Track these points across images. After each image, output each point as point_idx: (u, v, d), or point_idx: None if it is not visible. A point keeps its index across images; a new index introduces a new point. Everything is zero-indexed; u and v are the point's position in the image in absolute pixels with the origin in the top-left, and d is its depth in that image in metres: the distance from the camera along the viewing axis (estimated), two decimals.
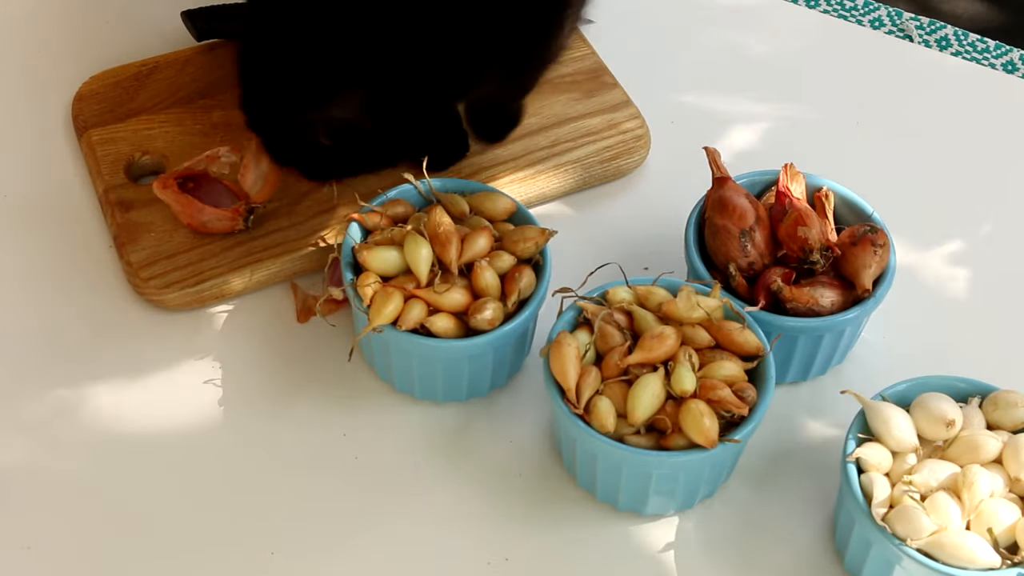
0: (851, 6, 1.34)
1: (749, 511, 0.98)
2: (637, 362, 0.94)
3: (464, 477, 0.99)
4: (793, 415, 1.03)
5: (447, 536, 0.96)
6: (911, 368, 1.01)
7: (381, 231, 1.01)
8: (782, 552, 0.96)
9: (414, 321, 0.97)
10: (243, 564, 0.95)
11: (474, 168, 1.14)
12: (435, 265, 0.99)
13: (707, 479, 0.96)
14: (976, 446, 0.92)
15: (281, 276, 1.09)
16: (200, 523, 0.96)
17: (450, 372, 1.00)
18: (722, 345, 0.96)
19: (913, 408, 0.94)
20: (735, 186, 1.04)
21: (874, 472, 0.91)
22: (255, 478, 0.99)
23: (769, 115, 1.24)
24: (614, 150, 1.16)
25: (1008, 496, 0.91)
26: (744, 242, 1.01)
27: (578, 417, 0.93)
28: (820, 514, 0.98)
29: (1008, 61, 1.30)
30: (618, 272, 0.99)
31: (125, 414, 1.02)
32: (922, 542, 0.88)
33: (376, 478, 0.99)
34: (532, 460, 1.00)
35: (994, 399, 0.95)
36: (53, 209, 1.13)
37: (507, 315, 0.99)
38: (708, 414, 0.91)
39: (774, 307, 1.00)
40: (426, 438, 1.01)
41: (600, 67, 1.22)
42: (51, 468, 0.99)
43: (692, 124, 1.22)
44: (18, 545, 0.95)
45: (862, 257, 1.00)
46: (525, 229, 1.02)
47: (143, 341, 1.05)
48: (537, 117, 1.18)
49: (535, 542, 0.96)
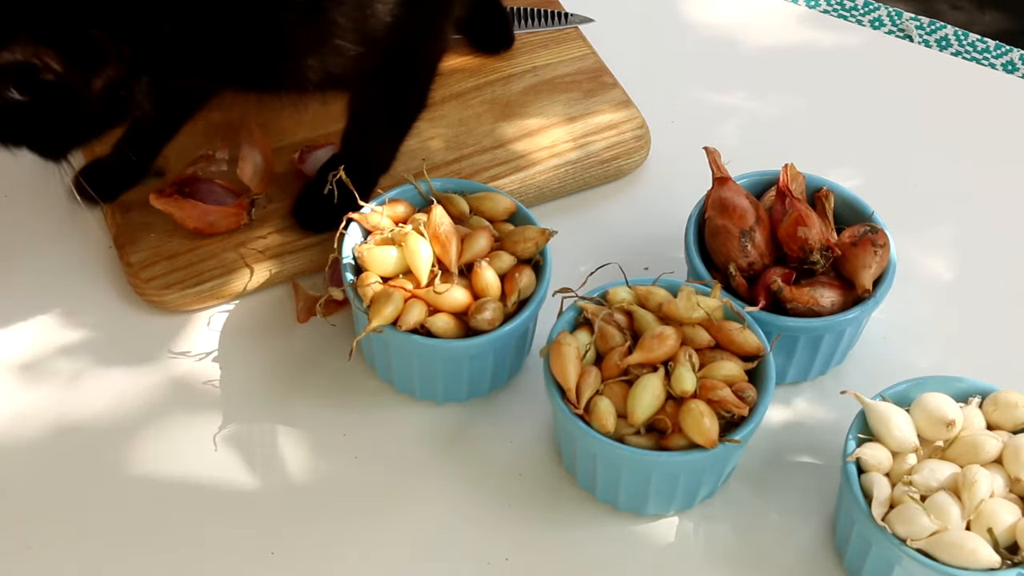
0: (851, 6, 1.34)
1: (749, 511, 0.98)
2: (637, 362, 0.94)
3: (464, 477, 0.99)
4: (793, 415, 1.03)
5: (447, 536, 0.96)
6: (911, 368, 1.01)
7: (381, 231, 1.01)
8: (782, 552, 0.96)
9: (414, 321, 0.97)
10: (243, 564, 0.95)
11: (474, 168, 1.14)
12: (435, 265, 0.99)
13: (707, 479, 0.96)
14: (976, 446, 0.92)
15: (281, 276, 1.09)
16: (200, 523, 0.96)
17: (450, 372, 1.00)
18: (722, 345, 0.96)
19: (913, 408, 0.94)
20: (735, 186, 1.04)
21: (874, 472, 0.91)
22: (255, 478, 0.99)
23: (769, 115, 1.24)
24: (614, 150, 1.16)
25: (1008, 496, 0.91)
26: (744, 242, 1.01)
27: (578, 417, 0.93)
28: (820, 514, 0.98)
29: (1008, 61, 1.30)
30: (618, 272, 0.99)
31: (125, 414, 1.02)
32: (922, 542, 0.88)
33: (376, 478, 0.99)
34: (532, 460, 1.00)
35: (994, 399, 0.95)
36: (54, 210, 1.13)
37: (507, 315, 0.99)
38: (708, 414, 0.91)
39: (774, 307, 1.00)
40: (426, 438, 1.01)
41: (600, 67, 1.22)
42: (51, 468, 0.99)
43: (692, 124, 1.22)
44: (18, 545, 0.95)
45: (862, 257, 1.00)
46: (525, 229, 1.02)
47: (143, 341, 1.05)
48: (537, 117, 1.18)
49: (535, 542, 0.96)
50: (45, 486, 0.98)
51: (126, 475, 0.98)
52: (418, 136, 1.14)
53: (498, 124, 1.17)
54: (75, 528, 0.96)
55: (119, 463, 0.99)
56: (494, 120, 1.18)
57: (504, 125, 1.17)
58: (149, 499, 0.97)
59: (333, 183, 1.02)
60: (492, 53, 1.23)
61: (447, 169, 1.13)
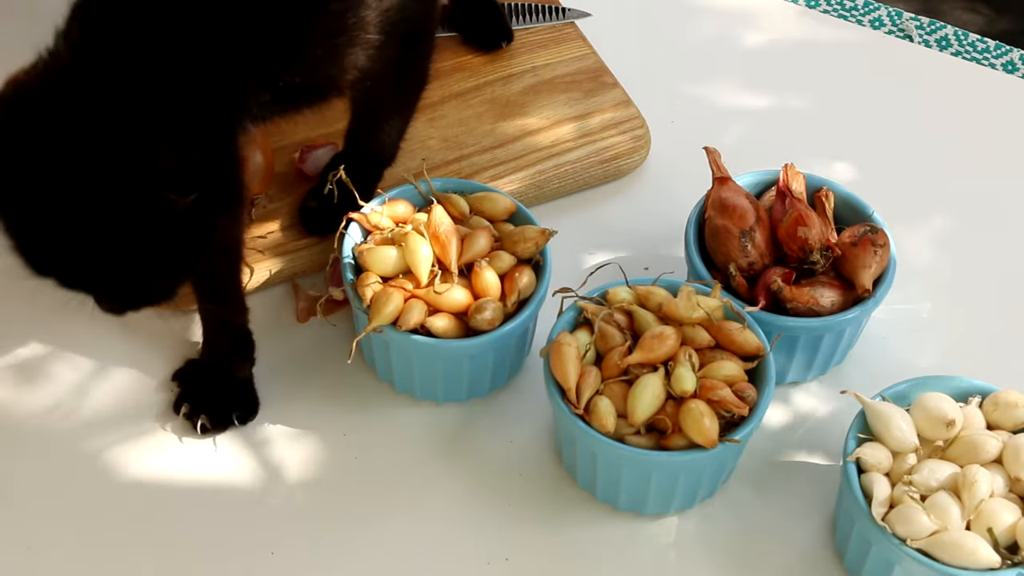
0: (851, 6, 1.34)
1: (749, 511, 0.98)
2: (637, 362, 0.94)
3: (464, 477, 0.99)
4: (793, 415, 1.03)
5: (447, 536, 0.96)
6: (911, 368, 1.01)
7: (381, 231, 1.01)
8: (782, 552, 0.96)
9: (414, 321, 0.97)
10: (243, 564, 0.95)
11: (474, 168, 1.14)
12: (435, 265, 0.99)
13: (707, 479, 0.96)
14: (976, 446, 0.92)
15: (281, 276, 1.08)
16: (200, 523, 0.96)
17: (450, 372, 1.00)
18: (722, 345, 0.96)
19: (913, 408, 0.94)
20: (735, 186, 1.04)
21: (874, 472, 0.91)
22: (255, 478, 0.99)
23: (769, 115, 1.24)
24: (614, 150, 1.16)
25: (1008, 496, 0.91)
26: (744, 242, 1.01)
27: (578, 417, 0.93)
28: (820, 514, 0.98)
29: (1008, 61, 1.30)
30: (618, 272, 0.99)
31: (125, 414, 1.01)
32: (922, 542, 0.88)
33: (376, 478, 0.99)
34: (532, 460, 1.00)
35: (994, 399, 0.95)
36: None
37: (507, 315, 0.99)
38: (708, 414, 0.91)
39: (774, 307, 1.00)
40: (426, 438, 1.01)
41: (600, 67, 1.22)
42: (51, 468, 0.99)
43: (692, 124, 1.22)
44: (18, 545, 0.95)
45: (862, 257, 1.00)
46: (525, 229, 1.02)
47: (143, 342, 1.05)
48: (537, 117, 1.18)
49: (535, 542, 0.96)
50: (45, 486, 0.98)
51: (126, 475, 0.98)
52: (418, 136, 1.14)
53: (498, 124, 1.17)
54: (75, 528, 0.96)
55: (119, 463, 0.99)
56: (494, 120, 1.18)
57: (504, 125, 1.17)
58: (149, 499, 0.97)
59: (333, 183, 1.02)
60: (490, 49, 1.22)
61: (447, 169, 1.13)
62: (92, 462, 0.99)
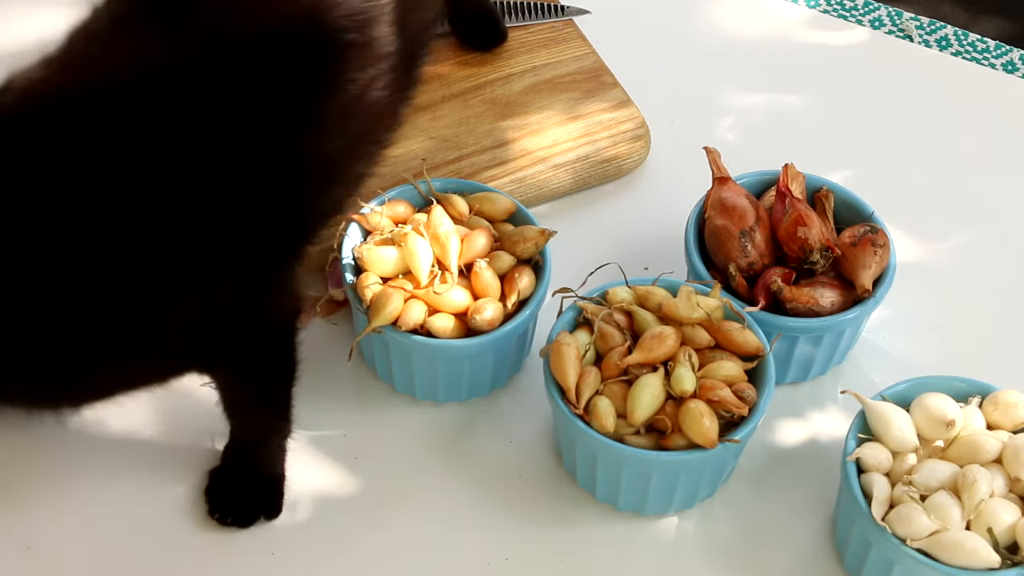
0: (851, 6, 1.34)
1: (749, 511, 0.98)
2: (637, 362, 0.94)
3: (464, 477, 0.99)
4: (793, 415, 1.03)
5: (447, 536, 0.96)
6: (911, 368, 1.01)
7: (381, 231, 1.01)
8: (782, 552, 0.96)
9: (414, 322, 0.97)
10: (243, 564, 0.95)
11: (474, 168, 1.14)
12: (435, 265, 0.99)
13: (707, 479, 0.96)
14: (976, 446, 0.92)
15: None
16: (200, 523, 0.96)
17: (450, 372, 1.00)
18: (722, 345, 0.96)
19: (913, 408, 0.94)
20: (735, 186, 1.04)
21: (874, 472, 0.91)
22: None
23: (769, 115, 1.24)
24: (614, 150, 1.16)
25: (1008, 496, 0.91)
26: (744, 242, 1.01)
27: (578, 417, 0.93)
28: (820, 514, 0.98)
29: (1008, 61, 1.30)
30: (618, 272, 0.99)
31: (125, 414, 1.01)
32: (922, 542, 0.88)
33: (376, 478, 0.99)
34: (532, 460, 1.00)
35: (994, 399, 0.95)
36: None
37: (507, 315, 0.99)
38: (708, 414, 0.91)
39: (774, 307, 1.00)
40: (426, 438, 1.01)
41: (600, 67, 1.22)
42: (51, 468, 0.99)
43: (692, 124, 1.22)
44: (18, 545, 0.95)
45: (862, 257, 1.00)
46: (525, 229, 1.02)
47: None
48: (537, 117, 1.18)
49: (535, 542, 0.96)
50: (44, 486, 0.98)
51: (126, 474, 0.98)
52: (418, 136, 1.14)
53: (498, 124, 1.17)
54: (75, 528, 0.96)
55: (118, 462, 0.99)
56: (494, 120, 1.18)
57: (504, 125, 1.17)
58: (149, 498, 0.97)
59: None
60: (486, 50, 1.22)
61: (447, 169, 1.13)
62: (91, 461, 0.99)
